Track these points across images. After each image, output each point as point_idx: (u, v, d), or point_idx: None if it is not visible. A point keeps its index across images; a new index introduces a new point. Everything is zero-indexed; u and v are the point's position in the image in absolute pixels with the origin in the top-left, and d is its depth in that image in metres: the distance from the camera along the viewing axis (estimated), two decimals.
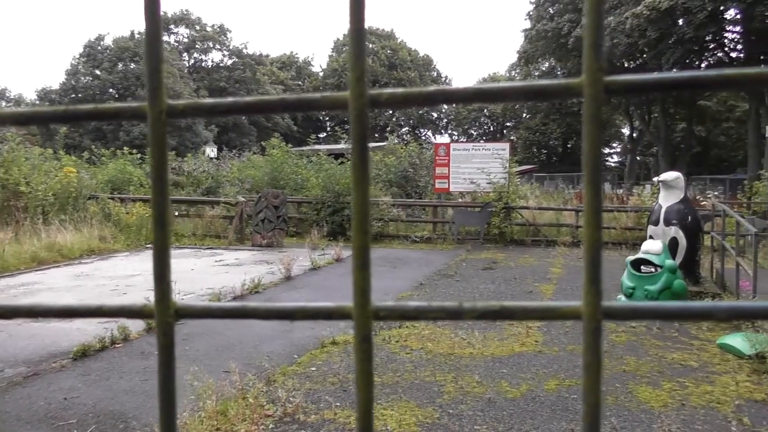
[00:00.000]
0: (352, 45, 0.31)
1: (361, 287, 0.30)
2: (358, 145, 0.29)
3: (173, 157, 22.18)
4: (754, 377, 5.71)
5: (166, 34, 54.89)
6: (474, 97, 0.30)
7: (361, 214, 0.30)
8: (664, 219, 9.07)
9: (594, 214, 0.28)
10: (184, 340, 6.99)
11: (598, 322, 0.29)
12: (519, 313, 0.30)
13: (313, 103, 0.32)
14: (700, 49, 29.19)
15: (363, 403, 0.29)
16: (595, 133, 0.28)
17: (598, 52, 0.28)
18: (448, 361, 6.31)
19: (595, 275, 0.29)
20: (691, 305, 0.29)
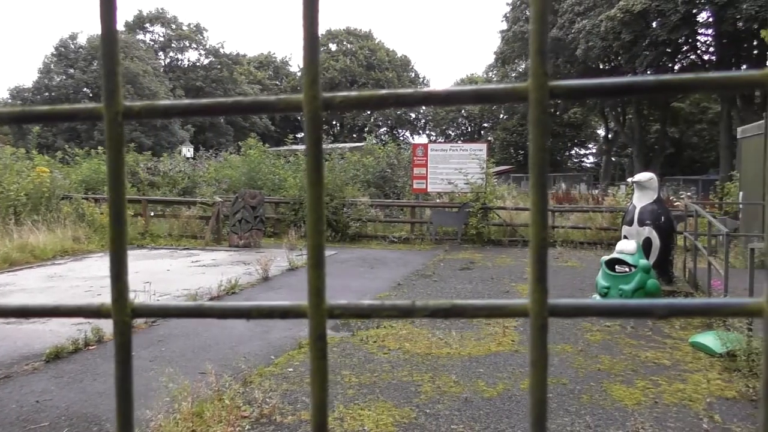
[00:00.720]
0: (306, 50, 0.31)
1: (316, 286, 0.30)
2: (312, 147, 0.30)
3: (149, 156, 21.89)
4: (725, 375, 5.83)
5: (142, 33, 54.24)
6: (423, 101, 0.31)
7: (315, 214, 0.30)
8: (638, 219, 9.21)
9: (540, 214, 0.29)
10: (159, 341, 6.92)
11: (544, 320, 0.29)
12: (469, 311, 0.30)
13: (268, 105, 0.33)
14: (674, 52, 29.69)
15: (317, 399, 0.29)
16: (541, 136, 0.29)
17: (543, 58, 0.29)
18: (426, 361, 6.33)
19: (541, 273, 0.30)
20: (631, 303, 0.31)
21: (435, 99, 0.31)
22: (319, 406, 0.30)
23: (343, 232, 15.86)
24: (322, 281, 0.31)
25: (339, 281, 10.36)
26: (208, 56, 54.66)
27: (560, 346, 6.80)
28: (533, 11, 0.28)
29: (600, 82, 0.30)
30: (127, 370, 0.34)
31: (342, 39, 60.37)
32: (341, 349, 6.68)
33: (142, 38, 53.62)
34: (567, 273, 11.42)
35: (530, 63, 0.29)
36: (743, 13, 23.34)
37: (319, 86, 0.30)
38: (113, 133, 0.31)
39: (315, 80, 0.30)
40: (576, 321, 7.79)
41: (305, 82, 0.30)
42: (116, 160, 0.32)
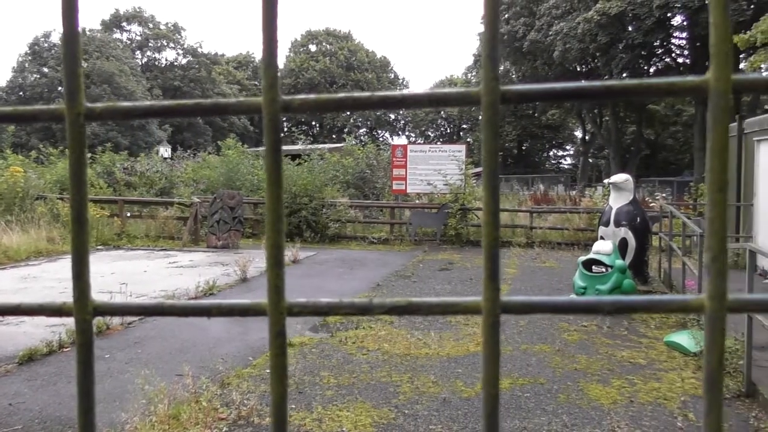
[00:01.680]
0: (265, 53, 0.32)
1: (275, 284, 0.31)
2: (271, 148, 0.30)
3: (125, 157, 21.62)
4: (699, 374, 5.93)
5: (118, 32, 53.54)
6: (380, 104, 0.32)
7: (274, 213, 0.30)
8: (614, 220, 9.34)
9: (492, 214, 0.30)
10: (136, 343, 6.84)
11: (496, 317, 0.30)
12: (424, 308, 0.31)
13: (228, 107, 0.33)
14: (649, 55, 30.15)
15: (277, 395, 0.30)
16: (492, 138, 0.30)
17: (494, 64, 0.30)
18: (404, 361, 6.35)
19: (494, 271, 0.31)
20: (580, 300, 0.32)
21: (391, 102, 0.31)
22: (279, 401, 0.30)
23: (322, 233, 15.83)
24: (281, 279, 0.31)
25: (317, 282, 10.33)
26: (186, 56, 54.16)
27: (538, 346, 6.87)
28: (485, 18, 0.29)
29: (550, 86, 0.31)
30: (88, 369, 0.34)
31: (322, 40, 60.25)
32: (320, 351, 6.66)
33: (119, 37, 52.92)
34: (545, 273, 11.53)
35: (482, 68, 0.30)
36: None
37: (278, 89, 0.31)
38: (75, 134, 0.31)
39: (274, 84, 0.30)
40: (554, 321, 7.87)
41: (264, 85, 0.31)
42: (78, 160, 0.32)
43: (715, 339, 0.29)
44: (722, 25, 0.27)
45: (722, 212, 0.29)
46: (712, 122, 0.29)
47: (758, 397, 5.16)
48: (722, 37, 0.28)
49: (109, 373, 5.82)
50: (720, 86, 0.28)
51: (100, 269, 11.25)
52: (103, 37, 46.28)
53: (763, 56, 13.48)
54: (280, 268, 0.31)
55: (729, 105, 0.28)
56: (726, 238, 0.29)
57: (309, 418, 4.93)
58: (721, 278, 0.29)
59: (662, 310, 0.30)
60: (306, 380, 5.77)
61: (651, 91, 0.30)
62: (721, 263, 0.29)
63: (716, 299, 0.29)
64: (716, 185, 0.29)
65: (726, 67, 0.28)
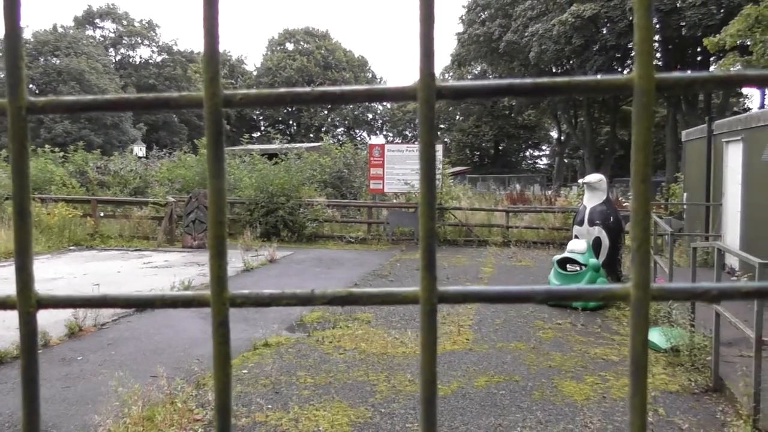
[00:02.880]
0: (206, 48, 0.32)
1: (217, 275, 0.31)
2: (212, 142, 0.31)
3: (98, 155, 21.29)
4: (669, 370, 6.04)
5: (91, 29, 52.68)
6: (319, 99, 0.32)
7: (216, 206, 0.31)
8: (588, 219, 9.46)
9: (428, 206, 0.31)
10: (109, 345, 6.75)
11: (433, 305, 0.31)
12: (364, 298, 0.32)
13: (171, 101, 0.33)
14: (623, 57, 30.58)
15: (220, 383, 0.30)
16: (428, 132, 0.31)
17: (430, 60, 0.30)
18: (381, 360, 6.36)
19: (430, 262, 0.31)
20: (513, 289, 0.33)
21: (330, 97, 0.32)
22: (222, 388, 0.31)
23: (299, 233, 15.77)
24: (224, 270, 0.32)
25: (294, 282, 10.30)
26: (161, 53, 53.51)
27: (513, 344, 6.93)
28: (420, 14, 0.30)
29: (483, 83, 0.32)
30: (32, 359, 0.34)
31: (299, 39, 59.99)
32: (297, 350, 6.64)
33: (92, 34, 52.09)
34: (521, 272, 11.63)
35: (419, 64, 0.31)
36: (687, 20, 24.23)
37: (219, 84, 0.31)
38: (16, 128, 0.31)
39: (215, 78, 0.31)
40: (529, 319, 7.95)
41: (205, 79, 0.31)
42: (20, 154, 0.32)
43: (640, 325, 0.30)
44: (645, 27, 0.29)
45: (645, 203, 0.30)
46: (636, 118, 0.30)
47: (725, 391, 5.27)
48: (645, 37, 0.29)
49: (82, 375, 5.73)
50: (643, 84, 0.29)
51: (72, 270, 11.07)
52: (75, 34, 45.51)
53: (732, 59, 13.77)
54: (222, 259, 0.32)
55: (652, 103, 0.29)
56: (649, 228, 0.30)
57: (285, 418, 4.91)
58: (645, 268, 0.31)
59: (591, 298, 0.31)
60: (282, 380, 5.75)
61: (579, 88, 0.31)
62: (645, 253, 0.30)
63: (640, 288, 0.30)
64: (639, 177, 0.30)
65: (649, 66, 0.29)
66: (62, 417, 4.83)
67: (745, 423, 4.52)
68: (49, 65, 42.05)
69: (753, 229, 8.87)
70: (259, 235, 15.24)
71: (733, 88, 0.32)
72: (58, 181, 17.69)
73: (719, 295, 0.32)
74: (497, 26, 34.27)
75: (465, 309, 8.45)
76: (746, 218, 9.23)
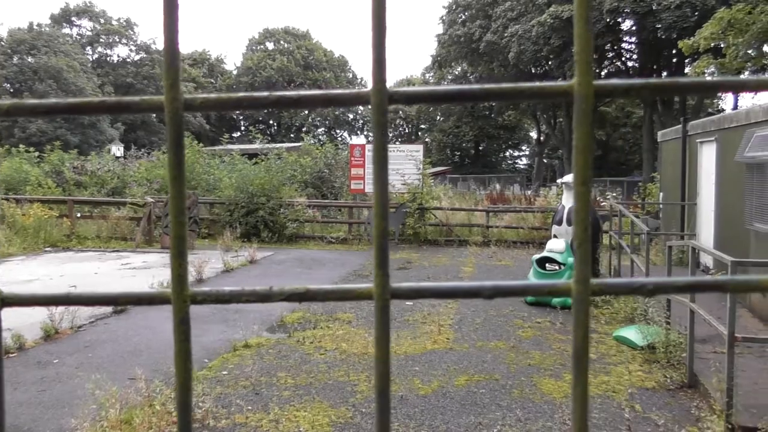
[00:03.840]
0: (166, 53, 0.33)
1: (178, 273, 0.32)
2: (173, 145, 0.31)
3: (75, 155, 20.99)
4: (645, 367, 6.13)
5: (68, 27, 51.94)
6: (276, 103, 0.33)
7: (176, 207, 0.32)
8: (567, 219, 9.56)
9: (381, 206, 0.32)
10: (86, 347, 6.67)
11: (386, 301, 0.32)
12: (321, 295, 0.33)
13: (132, 105, 0.34)
14: (600, 58, 30.93)
15: (181, 379, 0.31)
16: (381, 135, 0.32)
17: (381, 67, 0.32)
18: (362, 360, 6.37)
19: (383, 260, 0.33)
20: (463, 285, 0.34)
21: (287, 102, 0.33)
22: (183, 385, 0.31)
23: (280, 233, 15.71)
24: (185, 269, 0.33)
25: (276, 282, 10.23)
26: (138, 52, 52.90)
27: (493, 342, 6.98)
28: (372, 24, 0.31)
29: (433, 89, 0.34)
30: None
31: (279, 38, 59.72)
32: (277, 351, 6.62)
33: (69, 32, 51.33)
34: (500, 271, 11.71)
35: (371, 71, 0.32)
36: (663, 23, 24.59)
37: (179, 88, 0.32)
38: None
39: (175, 83, 0.32)
40: (509, 318, 8.02)
41: (165, 84, 0.32)
42: None
43: (581, 319, 0.31)
44: (584, 36, 0.30)
45: (586, 204, 0.31)
46: (577, 123, 0.31)
47: (699, 387, 5.37)
48: (584, 46, 0.30)
49: (58, 379, 5.66)
50: (582, 90, 0.31)
51: (48, 272, 10.91)
52: (51, 32, 44.82)
53: (706, 62, 14.01)
54: (182, 258, 0.33)
55: (591, 108, 0.31)
56: (588, 228, 0.32)
57: (266, 419, 4.90)
58: (585, 264, 0.32)
59: (535, 293, 0.33)
60: (263, 381, 5.73)
61: (524, 94, 0.32)
62: (585, 251, 0.32)
63: (581, 283, 0.32)
64: (580, 179, 0.32)
65: (588, 73, 0.31)
66: (38, 421, 4.76)
67: (718, 418, 4.61)
68: (25, 64, 41.36)
69: (726, 227, 9.04)
70: (239, 235, 15.14)
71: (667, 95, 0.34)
72: (33, 182, 17.41)
73: (655, 289, 0.33)
74: (477, 27, 34.45)
75: (445, 308, 8.49)
76: (720, 217, 9.40)
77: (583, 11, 0.30)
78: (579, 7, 0.30)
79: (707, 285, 0.35)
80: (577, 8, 0.30)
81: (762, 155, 7.01)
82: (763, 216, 7.33)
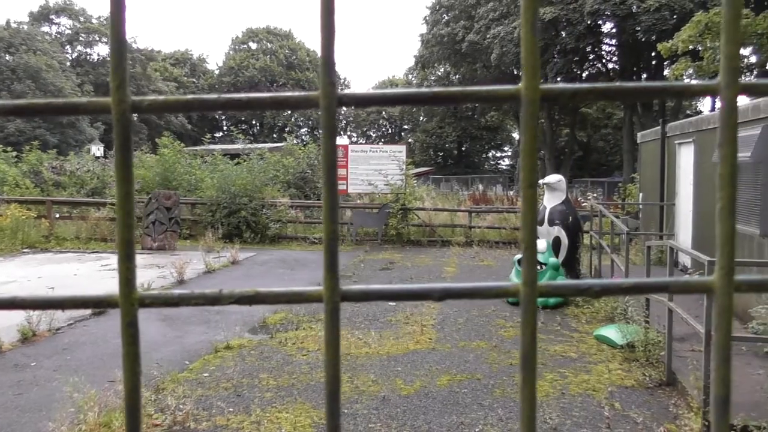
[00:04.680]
0: (113, 55, 0.33)
1: (125, 277, 0.32)
2: (120, 147, 0.31)
3: (54, 155, 20.71)
4: (625, 365, 6.20)
5: (47, 25, 51.23)
6: (225, 105, 0.33)
7: (124, 210, 0.32)
8: (548, 219, 9.63)
9: (330, 210, 0.32)
10: (64, 350, 6.59)
11: (335, 304, 0.32)
12: (270, 298, 0.33)
13: (80, 107, 0.34)
14: (581, 60, 31.20)
15: (129, 383, 0.31)
16: (330, 138, 0.32)
17: (330, 69, 0.32)
18: (345, 361, 6.36)
19: (333, 263, 0.33)
20: (413, 287, 0.34)
21: (235, 104, 0.33)
22: (132, 389, 0.31)
23: (262, 234, 15.64)
24: (132, 273, 0.32)
25: (257, 284, 10.21)
26: None
27: (475, 342, 7.01)
28: (321, 25, 0.31)
29: (382, 92, 0.34)
30: None
31: (262, 38, 59.45)
32: (259, 352, 6.59)
33: (48, 30, 50.62)
34: (483, 271, 11.77)
35: (319, 73, 0.32)
36: (642, 25, 24.88)
37: (126, 90, 0.32)
38: None
39: (122, 84, 0.32)
40: (491, 318, 8.06)
41: (113, 86, 0.32)
42: None
43: (528, 320, 0.32)
44: (530, 41, 0.31)
45: (532, 207, 0.32)
46: (523, 127, 0.32)
47: (677, 385, 5.44)
48: (530, 51, 0.31)
49: (35, 382, 5.58)
50: (529, 95, 0.31)
51: (26, 273, 10.75)
52: (30, 30, 44.18)
53: (684, 64, 14.19)
54: (130, 262, 0.32)
55: (537, 112, 0.31)
56: (535, 230, 0.32)
57: (247, 421, 4.87)
58: (532, 267, 0.32)
59: (485, 295, 0.33)
60: (245, 383, 5.70)
61: (473, 97, 0.33)
62: (531, 253, 0.32)
63: (528, 285, 0.32)
64: (527, 182, 0.32)
65: (534, 78, 0.31)
66: (14, 425, 4.69)
67: (695, 415, 4.67)
68: (2, 62, 40.72)
69: (704, 227, 9.17)
70: (221, 236, 15.04)
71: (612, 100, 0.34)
72: (10, 182, 17.15)
73: (601, 291, 0.34)
74: (461, 27, 34.59)
75: (428, 309, 8.51)
76: (697, 217, 9.53)
77: (529, 16, 0.30)
78: (525, 12, 0.30)
79: (651, 287, 0.35)
80: (524, 13, 0.30)
81: (738, 156, 7.12)
82: (739, 216, 7.45)
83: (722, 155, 0.31)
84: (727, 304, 0.30)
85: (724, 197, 0.30)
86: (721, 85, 0.31)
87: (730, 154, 0.31)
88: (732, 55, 0.31)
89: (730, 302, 0.30)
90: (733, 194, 0.31)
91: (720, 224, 0.31)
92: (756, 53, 16.32)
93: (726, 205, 0.30)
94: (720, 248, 0.31)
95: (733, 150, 0.31)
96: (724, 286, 0.30)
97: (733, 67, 0.31)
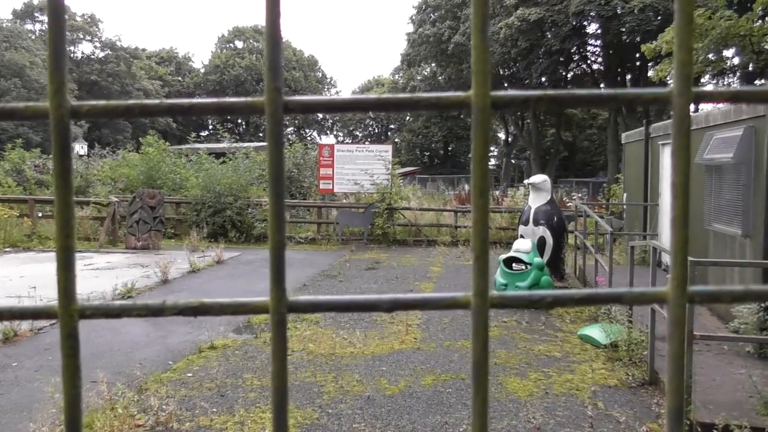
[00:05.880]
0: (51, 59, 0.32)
1: (64, 287, 0.31)
2: (59, 153, 0.30)
3: (37, 153, 20.47)
4: (608, 365, 6.24)
5: (30, 22, 50.64)
6: (168, 111, 0.33)
7: (63, 216, 0.31)
8: (533, 219, 9.67)
9: (276, 218, 0.31)
10: (46, 350, 6.51)
11: (282, 315, 0.32)
12: (215, 308, 0.32)
13: (16, 112, 0.33)
14: (566, 61, 31.40)
15: (69, 396, 0.30)
16: (276, 145, 0.32)
17: (276, 75, 0.31)
18: (329, 361, 6.35)
19: (278, 273, 0.32)
20: (360, 298, 0.34)
21: (178, 110, 0.32)
22: (72, 402, 0.30)
23: (247, 233, 15.56)
24: (72, 283, 0.32)
25: (242, 284, 10.16)
26: (103, 49, 51.83)
27: (460, 342, 7.02)
28: (266, 31, 0.30)
29: (330, 98, 0.33)
30: None
31: (248, 36, 59.19)
32: (244, 352, 6.56)
33: (31, 28, 50.03)
34: (468, 271, 11.76)
35: (264, 79, 0.32)
36: (627, 26, 25.09)
37: (65, 95, 0.31)
38: None
39: (60, 89, 0.31)
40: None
41: (50, 90, 0.31)
42: None
43: (479, 330, 0.31)
44: (481, 47, 0.30)
45: (484, 216, 0.31)
46: (474, 133, 0.31)
47: (660, 384, 5.49)
48: (481, 57, 0.30)
49: (16, 382, 5.51)
50: (479, 102, 0.31)
51: (8, 273, 10.62)
52: (13, 27, 43.63)
53: (668, 65, 14.32)
54: (70, 272, 0.32)
55: (488, 119, 0.31)
56: (487, 240, 0.32)
57: (231, 421, 4.85)
58: (483, 277, 0.32)
59: (434, 306, 0.33)
60: (228, 383, 5.67)
61: (420, 104, 0.32)
62: (483, 263, 0.32)
63: (479, 296, 0.32)
64: (478, 190, 0.31)
65: (485, 84, 0.31)
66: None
67: None
68: None
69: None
70: (206, 235, 14.95)
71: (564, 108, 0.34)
72: None
73: (553, 302, 0.34)
74: (447, 27, 34.65)
75: None
76: None
77: (480, 23, 0.30)
78: (476, 19, 0.30)
79: (604, 297, 0.35)
80: (474, 20, 0.30)
81: (720, 157, 7.20)
82: (720, 217, 7.53)
83: (675, 164, 0.31)
84: (679, 315, 0.30)
85: (677, 207, 0.30)
86: (673, 93, 0.31)
87: (683, 162, 0.31)
88: (684, 62, 0.30)
89: (683, 313, 0.30)
90: (686, 204, 0.31)
91: (673, 234, 0.31)
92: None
93: (679, 214, 0.30)
94: (673, 258, 0.31)
95: (686, 159, 0.31)
96: (677, 297, 0.30)
97: (686, 74, 0.31)
